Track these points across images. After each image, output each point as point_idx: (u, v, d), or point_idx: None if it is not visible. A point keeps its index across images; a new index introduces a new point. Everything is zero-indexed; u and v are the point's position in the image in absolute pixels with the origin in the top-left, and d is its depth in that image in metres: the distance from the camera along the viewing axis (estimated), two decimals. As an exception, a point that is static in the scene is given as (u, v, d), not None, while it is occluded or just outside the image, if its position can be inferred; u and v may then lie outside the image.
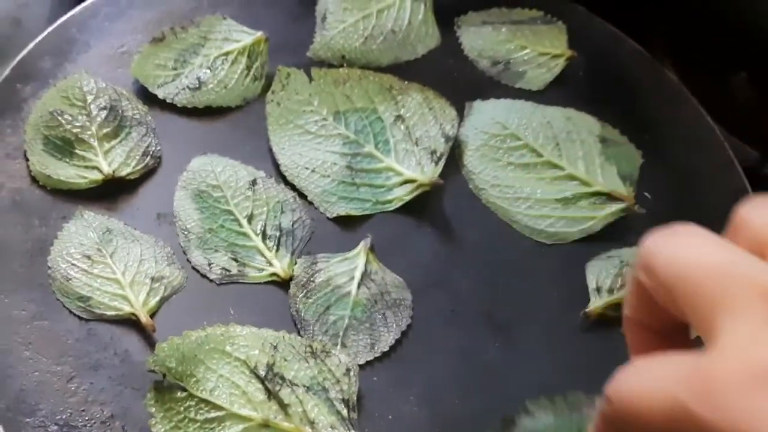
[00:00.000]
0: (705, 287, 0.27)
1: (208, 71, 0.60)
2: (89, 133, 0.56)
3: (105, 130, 0.57)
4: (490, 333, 0.53)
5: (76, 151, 0.56)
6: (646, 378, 0.28)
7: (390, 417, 0.49)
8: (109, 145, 0.56)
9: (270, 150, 0.58)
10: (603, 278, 0.53)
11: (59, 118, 0.56)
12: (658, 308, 0.31)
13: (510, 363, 0.52)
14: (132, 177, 0.56)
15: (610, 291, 0.53)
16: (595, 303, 0.53)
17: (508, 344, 0.52)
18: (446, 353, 0.52)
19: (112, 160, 0.56)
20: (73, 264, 0.52)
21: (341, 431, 0.47)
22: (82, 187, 0.55)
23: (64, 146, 0.56)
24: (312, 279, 0.53)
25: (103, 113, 0.57)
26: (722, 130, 0.64)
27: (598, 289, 0.53)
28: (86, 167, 0.55)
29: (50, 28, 0.62)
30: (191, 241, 0.54)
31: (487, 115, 0.60)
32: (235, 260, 0.54)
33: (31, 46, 0.60)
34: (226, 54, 0.61)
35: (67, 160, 0.56)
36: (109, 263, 0.52)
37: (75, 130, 0.56)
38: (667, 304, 0.30)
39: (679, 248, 0.29)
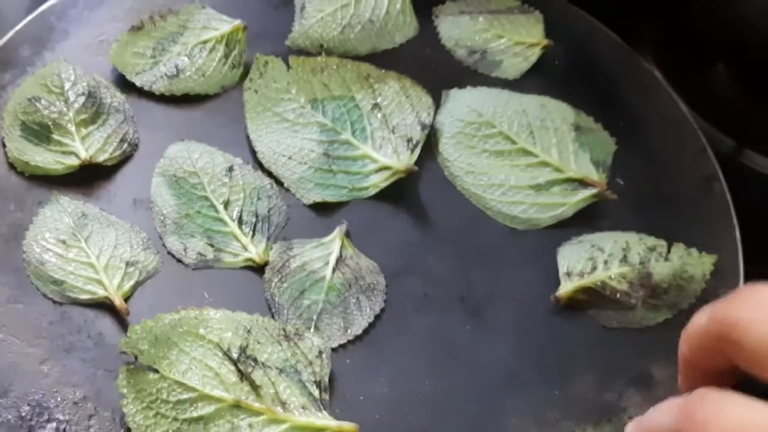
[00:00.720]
0: None
1: (187, 59, 0.61)
2: (66, 118, 0.57)
3: (83, 116, 0.57)
4: (462, 316, 0.53)
5: (54, 136, 0.56)
6: None
7: (361, 398, 0.50)
8: (86, 131, 0.57)
9: (247, 137, 0.59)
10: (573, 263, 0.54)
11: (37, 104, 0.57)
12: (725, 361, 0.32)
13: (481, 346, 0.52)
14: (109, 163, 0.57)
15: (581, 275, 0.53)
16: (566, 287, 0.53)
17: (479, 327, 0.53)
18: (418, 336, 0.52)
19: (89, 145, 0.56)
20: (47, 248, 0.53)
21: (312, 412, 0.47)
22: (59, 173, 0.56)
23: (42, 131, 0.56)
24: (287, 264, 0.54)
25: (81, 99, 0.57)
26: (699, 119, 0.65)
27: (569, 274, 0.53)
28: (63, 153, 0.56)
29: (30, 17, 0.62)
30: (167, 226, 0.55)
31: (463, 103, 0.60)
32: (211, 245, 0.54)
33: (10, 34, 0.61)
34: (205, 42, 0.61)
35: (45, 145, 0.56)
36: (84, 248, 0.53)
37: (53, 116, 0.57)
38: (752, 369, 0.30)
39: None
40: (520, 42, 0.64)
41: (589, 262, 0.54)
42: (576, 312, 0.53)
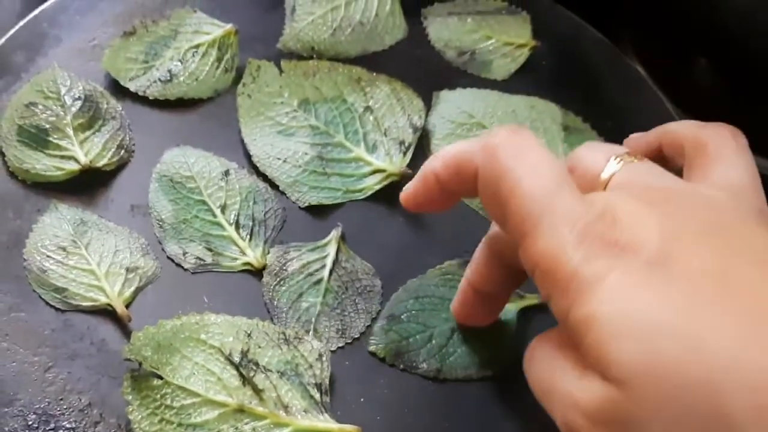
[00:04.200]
0: (532, 209, 0.35)
1: (179, 64, 0.61)
2: (64, 122, 0.57)
3: (80, 120, 0.57)
4: (458, 317, 0.54)
5: (52, 139, 0.56)
6: None
7: (362, 400, 0.51)
8: (84, 136, 0.57)
9: (242, 141, 0.59)
10: None
11: (34, 108, 0.57)
12: (499, 273, 0.46)
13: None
14: (107, 168, 0.57)
15: None
16: None
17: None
18: (415, 337, 0.53)
19: (88, 150, 0.57)
20: (48, 256, 0.53)
21: (314, 414, 0.48)
22: (60, 179, 0.56)
23: (39, 134, 0.57)
24: (285, 267, 0.55)
25: (78, 103, 0.58)
26: (683, 115, 0.66)
27: None
28: (62, 157, 0.56)
29: (21, 23, 0.62)
30: (166, 231, 0.56)
31: (454, 104, 0.61)
32: (210, 250, 0.55)
33: (2, 41, 0.61)
34: (197, 46, 0.62)
35: (43, 149, 0.56)
36: (84, 255, 0.53)
37: (51, 119, 0.57)
38: (495, 211, 0.37)
39: (524, 168, 0.36)
40: (508, 43, 0.65)
41: None
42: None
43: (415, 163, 0.58)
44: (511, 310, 0.53)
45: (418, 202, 0.44)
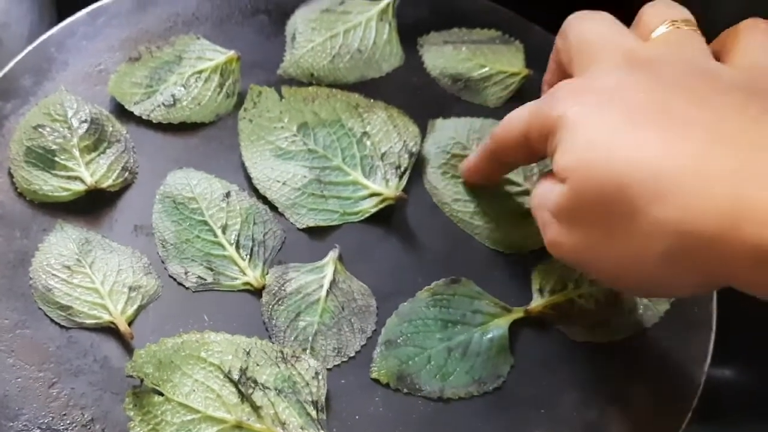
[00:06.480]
0: (591, 48, 0.47)
1: (183, 89, 0.63)
2: (71, 143, 0.59)
3: (86, 143, 0.59)
4: (451, 337, 0.56)
5: (59, 160, 0.58)
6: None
7: (357, 417, 0.52)
8: (89, 157, 0.59)
9: (242, 164, 0.61)
10: (546, 281, 0.57)
11: (41, 131, 0.59)
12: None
13: (469, 365, 0.55)
14: (112, 189, 0.59)
15: (552, 292, 0.57)
16: (537, 302, 0.57)
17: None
18: (410, 357, 0.55)
19: (93, 171, 0.58)
20: (53, 274, 0.55)
21: (311, 431, 0.50)
22: (65, 200, 0.58)
23: (46, 155, 0.58)
24: (283, 287, 0.56)
25: (84, 126, 0.60)
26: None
27: (540, 290, 0.57)
28: (68, 178, 0.58)
29: (29, 48, 0.64)
30: (168, 251, 0.57)
31: (447, 134, 0.63)
32: (210, 269, 0.57)
33: (11, 64, 0.63)
34: (200, 72, 0.64)
35: (50, 170, 0.58)
36: (89, 273, 0.55)
37: (58, 141, 0.59)
38: (566, 61, 0.50)
39: (586, 23, 0.49)
40: (502, 71, 0.67)
41: (561, 281, 0.57)
42: (561, 334, 0.56)
43: (410, 185, 0.60)
44: (501, 324, 0.55)
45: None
